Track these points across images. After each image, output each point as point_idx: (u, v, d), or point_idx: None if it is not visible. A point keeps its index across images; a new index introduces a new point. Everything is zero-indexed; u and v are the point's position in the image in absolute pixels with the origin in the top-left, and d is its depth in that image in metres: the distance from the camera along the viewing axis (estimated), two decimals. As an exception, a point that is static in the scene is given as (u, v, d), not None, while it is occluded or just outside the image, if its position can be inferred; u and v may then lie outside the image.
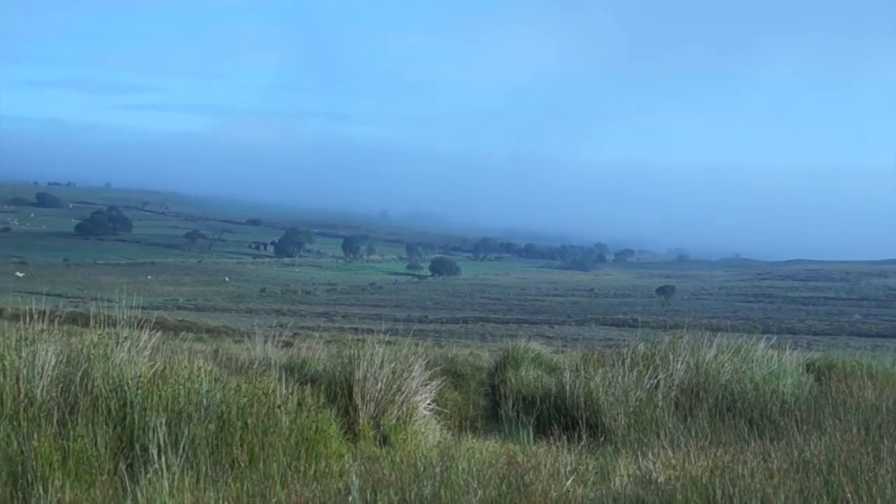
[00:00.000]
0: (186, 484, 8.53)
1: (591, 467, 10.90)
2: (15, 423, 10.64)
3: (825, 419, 13.74)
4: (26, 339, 12.45)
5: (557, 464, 10.48)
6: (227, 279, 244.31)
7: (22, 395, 11.32)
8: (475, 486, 8.81)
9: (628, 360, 17.21)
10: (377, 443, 13.70)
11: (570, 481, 9.52)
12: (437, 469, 9.88)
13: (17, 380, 11.50)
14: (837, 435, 11.47)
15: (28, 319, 13.59)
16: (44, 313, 14.45)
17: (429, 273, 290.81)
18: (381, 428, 14.05)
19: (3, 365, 11.83)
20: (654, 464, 10.31)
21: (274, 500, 7.92)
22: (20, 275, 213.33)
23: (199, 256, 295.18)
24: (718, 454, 10.21)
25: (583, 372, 16.71)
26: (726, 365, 17.01)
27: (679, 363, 16.79)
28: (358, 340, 20.75)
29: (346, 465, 11.13)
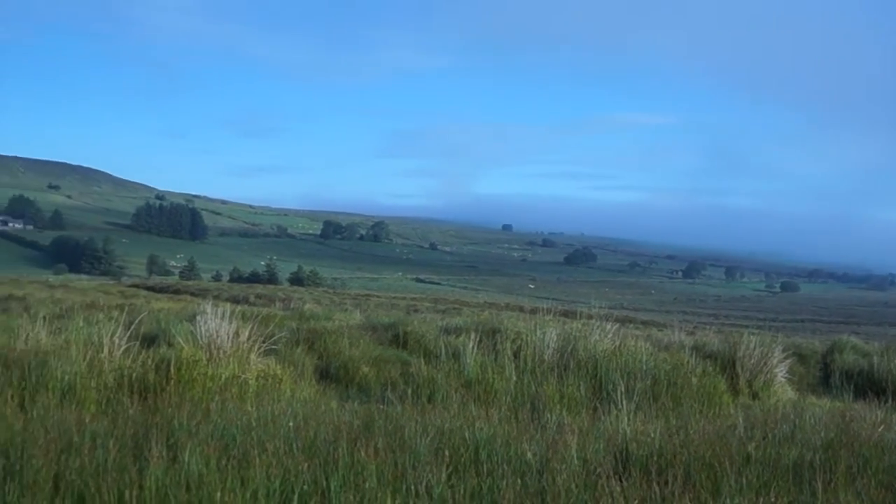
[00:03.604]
0: (637, 418, 8.44)
1: (894, 420, 10.19)
2: (534, 375, 10.78)
3: None
4: (539, 324, 12.66)
5: (871, 416, 9.85)
6: (652, 291, 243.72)
7: (537, 358, 11.46)
8: (818, 428, 8.37)
9: (917, 348, 16.19)
10: (750, 397, 13.18)
11: (881, 428, 8.90)
12: (791, 416, 9.44)
13: (534, 349, 11.67)
14: None
15: (541, 313, 13.84)
16: (548, 310, 14.68)
17: (779, 290, 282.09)
18: (753, 388, 13.53)
19: (526, 340, 12.07)
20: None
21: (691, 430, 7.73)
22: (532, 286, 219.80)
23: (636, 277, 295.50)
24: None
25: (886, 356, 15.77)
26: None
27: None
28: (737, 332, 20.15)
29: (732, 411, 10.76)
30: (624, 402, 8.85)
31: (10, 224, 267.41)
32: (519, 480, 6.22)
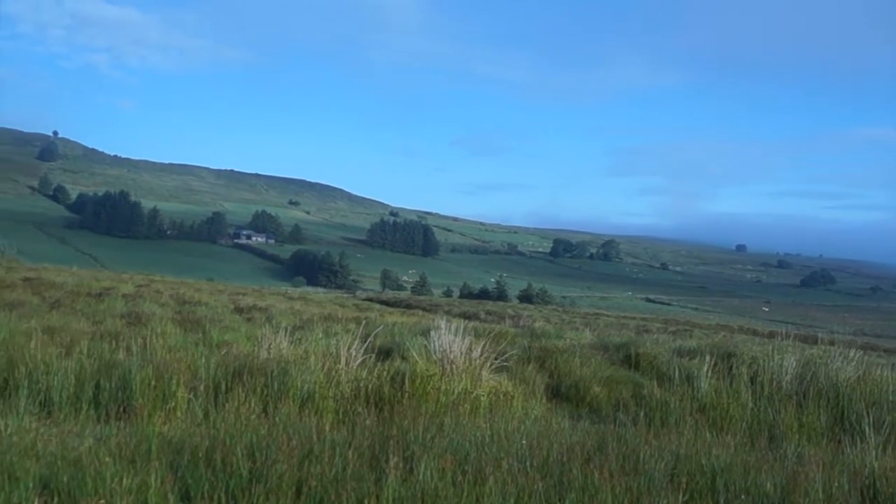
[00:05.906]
0: (887, 452, 7.97)
1: None
2: (771, 402, 10.37)
3: None
4: (777, 349, 12.19)
5: None
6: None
7: (774, 385, 11.06)
8: None
9: None
10: None
11: None
12: None
13: (771, 375, 11.27)
14: None
15: (779, 337, 13.32)
16: (786, 334, 14.13)
17: None
18: None
19: (763, 365, 11.65)
20: None
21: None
22: (766, 309, 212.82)
23: (879, 302, 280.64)
24: None
25: None
26: None
27: None
28: None
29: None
30: (872, 435, 8.37)
31: (254, 238, 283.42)
32: (758, 512, 6.01)
